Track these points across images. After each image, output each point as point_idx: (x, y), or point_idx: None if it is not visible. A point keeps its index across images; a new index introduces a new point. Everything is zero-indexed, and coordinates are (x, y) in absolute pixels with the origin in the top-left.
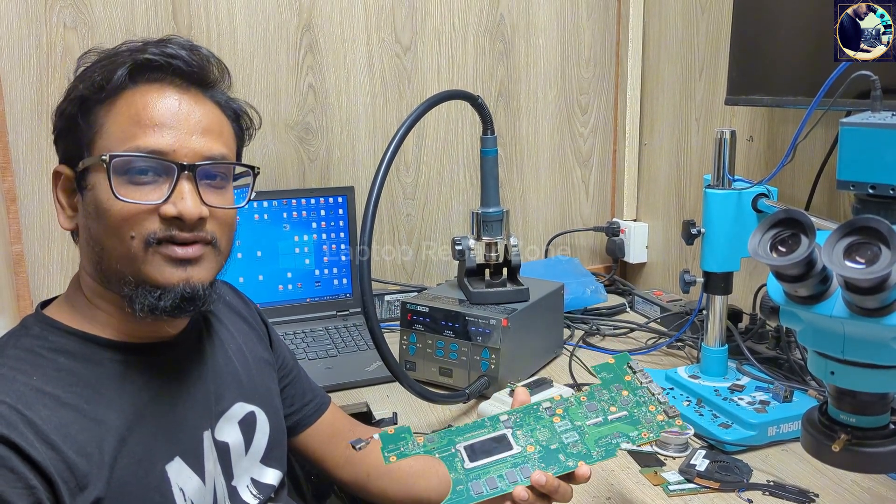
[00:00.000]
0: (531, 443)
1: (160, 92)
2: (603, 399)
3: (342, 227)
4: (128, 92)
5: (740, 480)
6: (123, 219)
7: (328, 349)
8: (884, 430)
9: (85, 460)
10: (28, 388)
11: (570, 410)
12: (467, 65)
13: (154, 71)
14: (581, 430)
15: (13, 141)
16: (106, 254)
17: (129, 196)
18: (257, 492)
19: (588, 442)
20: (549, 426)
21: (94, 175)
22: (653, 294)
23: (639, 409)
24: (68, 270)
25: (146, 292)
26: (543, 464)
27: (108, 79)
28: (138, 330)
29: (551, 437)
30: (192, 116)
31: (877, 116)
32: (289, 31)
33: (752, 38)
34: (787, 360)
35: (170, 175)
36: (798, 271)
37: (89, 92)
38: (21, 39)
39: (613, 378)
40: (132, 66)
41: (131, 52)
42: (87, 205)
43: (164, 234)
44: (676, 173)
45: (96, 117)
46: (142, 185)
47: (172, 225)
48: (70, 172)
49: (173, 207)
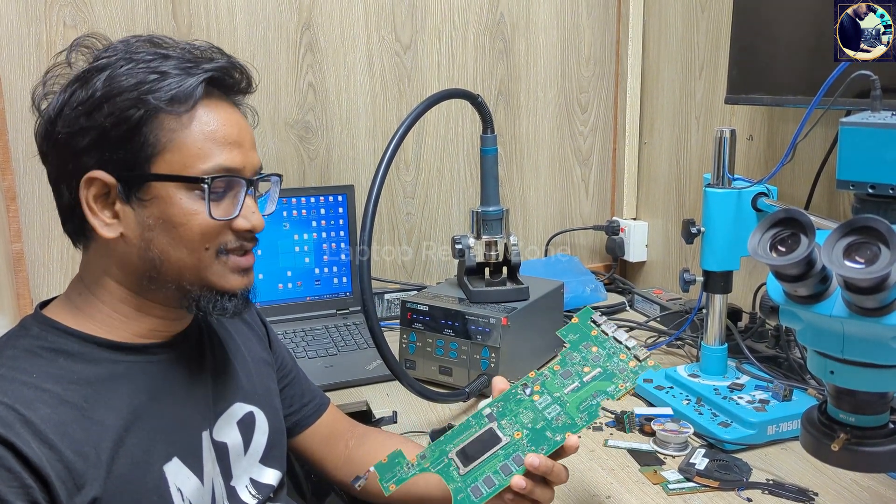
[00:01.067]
0: (517, 429)
1: (224, 107)
2: (575, 362)
3: (342, 226)
4: (201, 107)
5: (740, 479)
6: (202, 233)
7: (328, 348)
8: (883, 430)
9: (82, 460)
10: (27, 387)
11: (546, 384)
12: (467, 63)
13: (221, 86)
14: (561, 400)
15: (13, 139)
16: (168, 264)
17: (214, 213)
18: (256, 492)
19: (570, 411)
20: (531, 406)
21: (162, 188)
22: (652, 293)
23: (610, 361)
24: (68, 269)
25: (213, 296)
26: (533, 446)
27: (186, 93)
28: (141, 330)
29: (535, 417)
30: (248, 132)
31: (876, 116)
32: (289, 30)
33: (752, 37)
34: (786, 359)
35: (237, 189)
36: (797, 271)
37: (161, 104)
38: (21, 38)
39: (580, 337)
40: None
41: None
42: (147, 217)
43: (234, 245)
44: (676, 172)
45: (164, 131)
46: (217, 202)
47: (241, 237)
48: (112, 180)
49: (246, 222)
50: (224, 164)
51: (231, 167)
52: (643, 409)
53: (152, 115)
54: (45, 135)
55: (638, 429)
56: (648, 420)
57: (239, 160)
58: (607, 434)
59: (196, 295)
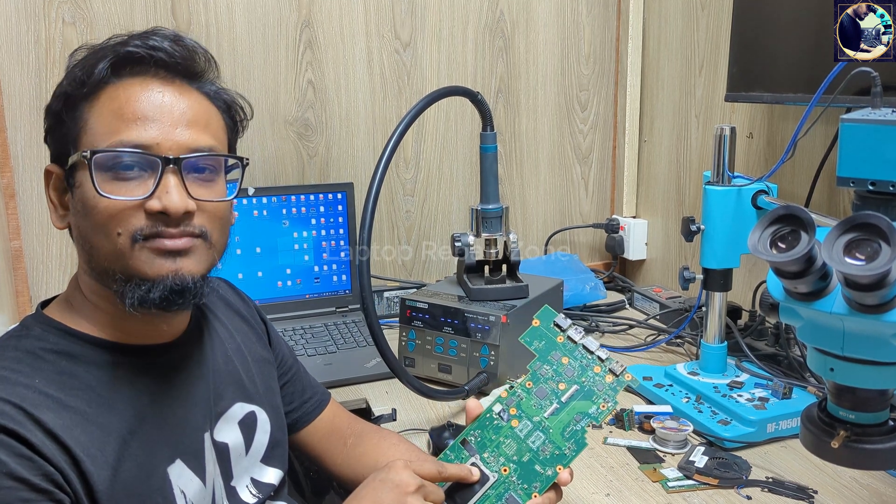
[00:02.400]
0: (503, 463)
1: (143, 85)
2: (547, 377)
3: (341, 224)
4: (110, 86)
5: (739, 477)
6: (109, 216)
7: (327, 345)
8: (883, 427)
9: (90, 460)
10: (30, 391)
11: (522, 406)
12: (467, 61)
13: (137, 64)
14: (542, 426)
15: (11, 137)
16: (95, 251)
17: (113, 192)
18: (257, 491)
19: (555, 438)
20: (512, 435)
21: (80, 172)
22: (652, 291)
23: (585, 375)
24: (67, 267)
25: (135, 286)
26: (525, 483)
27: (90, 73)
28: (137, 330)
29: (519, 448)
30: (176, 108)
31: (877, 113)
32: (288, 28)
33: (752, 34)
34: (786, 357)
35: (154, 169)
36: (798, 268)
37: (72, 88)
38: (20, 35)
39: (547, 345)
40: (114, 60)
41: (113, 46)
42: (76, 203)
43: (150, 231)
44: (676, 170)
45: (80, 113)
46: (127, 181)
47: (159, 220)
48: (60, 171)
49: (158, 202)
50: (129, 140)
51: (139, 143)
52: (643, 407)
53: (69, 101)
54: None
55: (637, 426)
56: (648, 418)
57: (150, 136)
58: (607, 432)
59: (122, 284)
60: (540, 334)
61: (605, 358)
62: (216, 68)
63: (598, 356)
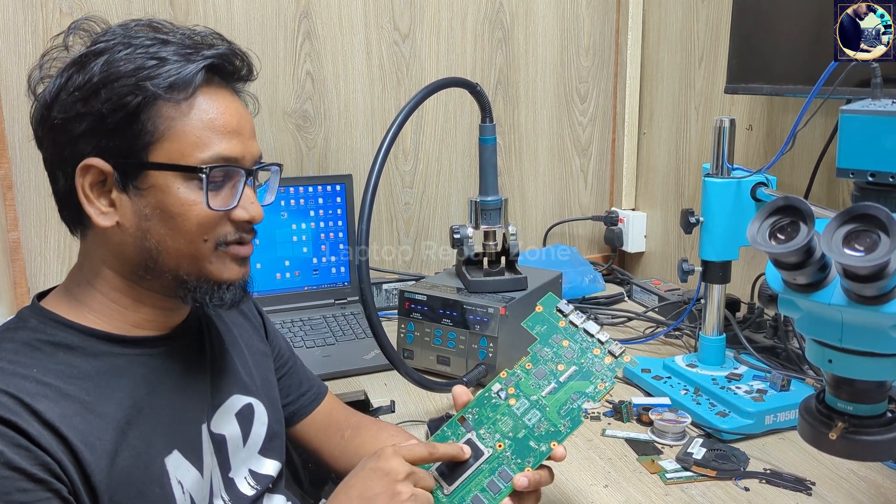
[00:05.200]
0: (498, 439)
1: (224, 96)
2: (547, 359)
3: (340, 216)
4: (199, 94)
5: (737, 469)
6: (200, 224)
7: (326, 337)
8: (881, 419)
9: (88, 450)
10: (28, 381)
11: (521, 385)
12: (466, 52)
13: (221, 73)
14: (539, 404)
15: (9, 128)
16: (165, 255)
17: (213, 204)
18: (255, 483)
19: (551, 416)
20: (509, 412)
21: (160, 177)
22: (651, 283)
23: (585, 357)
24: (65, 258)
25: (211, 288)
26: (518, 458)
27: (185, 81)
28: (139, 323)
29: (515, 425)
30: (248, 121)
31: (877, 104)
32: (287, 18)
33: (751, 26)
34: (784, 349)
35: (236, 180)
36: (797, 259)
37: (160, 90)
38: (17, 26)
39: (548, 330)
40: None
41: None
42: (144, 206)
43: (234, 238)
44: (675, 162)
45: (163, 118)
46: (216, 192)
47: (241, 228)
48: (108, 168)
49: (245, 212)
50: (223, 154)
51: (230, 156)
52: (641, 399)
53: (150, 102)
54: (41, 119)
55: (636, 418)
56: (646, 409)
57: (238, 149)
58: (605, 423)
59: (193, 286)
60: (542, 319)
61: (605, 340)
62: None
63: (598, 339)
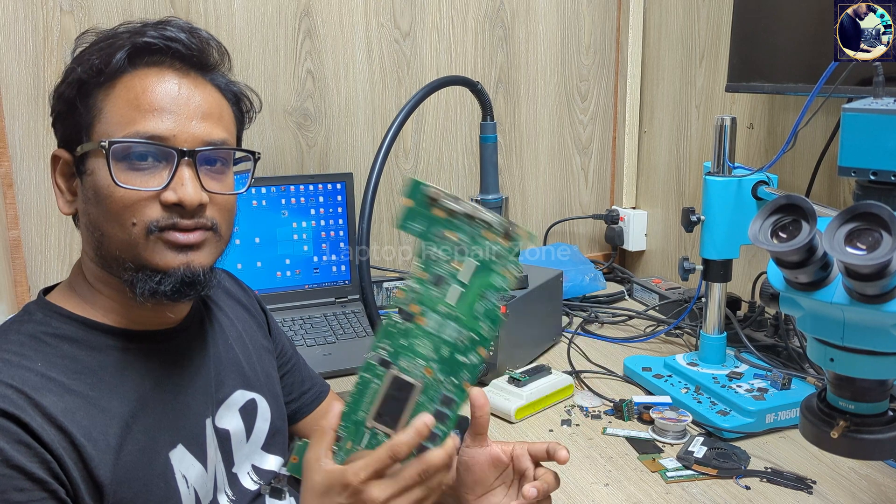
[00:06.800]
0: (423, 365)
1: (159, 76)
2: (440, 260)
3: (341, 214)
4: (126, 76)
5: (738, 467)
6: (124, 206)
7: (326, 336)
8: (882, 417)
9: (92, 444)
10: (33, 374)
11: (423, 300)
12: (467, 51)
13: (153, 54)
14: (451, 316)
15: (10, 125)
16: (106, 239)
17: (130, 182)
18: (258, 478)
19: (468, 324)
20: (423, 333)
21: (93, 160)
22: (651, 282)
23: (478, 245)
24: (66, 256)
25: (146, 277)
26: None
27: (107, 62)
28: (141, 317)
29: (435, 345)
30: (192, 101)
31: (879, 102)
32: (287, 16)
33: (753, 24)
34: (785, 348)
35: (169, 161)
36: (798, 257)
37: (88, 75)
38: (17, 23)
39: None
40: (131, 50)
41: (130, 35)
42: (87, 190)
43: (166, 222)
44: (676, 161)
45: (95, 101)
46: (141, 172)
47: (174, 212)
48: (69, 157)
49: (174, 194)
50: (144, 131)
51: (154, 134)
52: (642, 398)
53: (85, 87)
54: None
55: (636, 417)
56: (647, 408)
57: (166, 128)
58: (606, 422)
59: (131, 274)
60: (415, 214)
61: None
62: (228, 61)
63: (483, 220)
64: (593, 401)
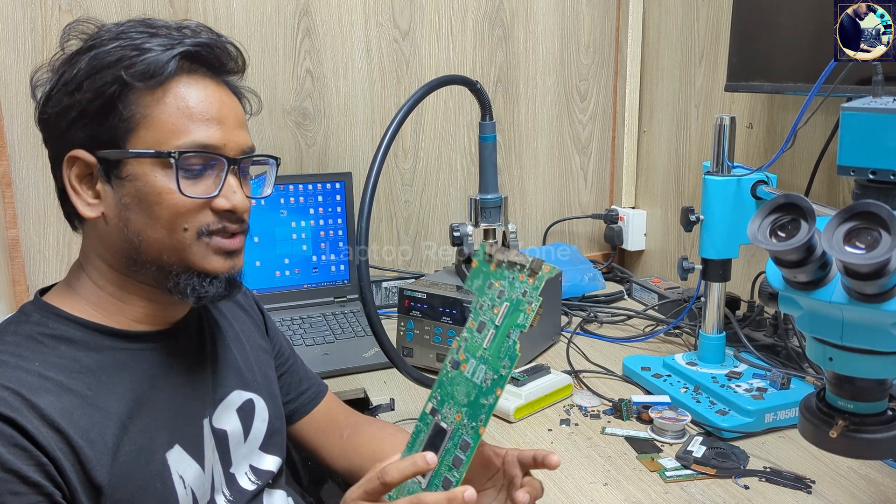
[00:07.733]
0: (456, 411)
1: (205, 84)
2: (486, 309)
3: (340, 214)
4: (173, 82)
5: (737, 467)
6: (178, 212)
7: (325, 335)
8: (881, 417)
9: (89, 445)
10: (30, 374)
11: (468, 348)
12: (466, 50)
13: (193, 61)
14: (483, 358)
15: (8, 125)
16: (146, 244)
17: (188, 191)
18: (255, 478)
19: (494, 364)
20: (462, 380)
21: (135, 166)
22: (651, 281)
23: (513, 288)
24: (64, 256)
25: (193, 279)
26: (472, 421)
27: (158, 68)
28: (142, 317)
29: (468, 390)
30: (233, 111)
31: (878, 101)
32: (286, 16)
33: (752, 24)
34: (784, 348)
35: (220, 169)
36: (797, 256)
37: (135, 77)
38: (16, 22)
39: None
40: (181, 55)
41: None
42: (124, 196)
43: (216, 227)
44: (675, 160)
45: (138, 106)
46: (193, 179)
47: (224, 218)
48: (92, 159)
49: (226, 201)
50: (200, 141)
51: (208, 144)
52: (641, 397)
53: (127, 90)
54: (39, 118)
55: (635, 416)
56: (646, 408)
57: (218, 137)
58: (605, 421)
59: (176, 276)
60: (478, 273)
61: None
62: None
63: (519, 263)
64: (592, 400)
